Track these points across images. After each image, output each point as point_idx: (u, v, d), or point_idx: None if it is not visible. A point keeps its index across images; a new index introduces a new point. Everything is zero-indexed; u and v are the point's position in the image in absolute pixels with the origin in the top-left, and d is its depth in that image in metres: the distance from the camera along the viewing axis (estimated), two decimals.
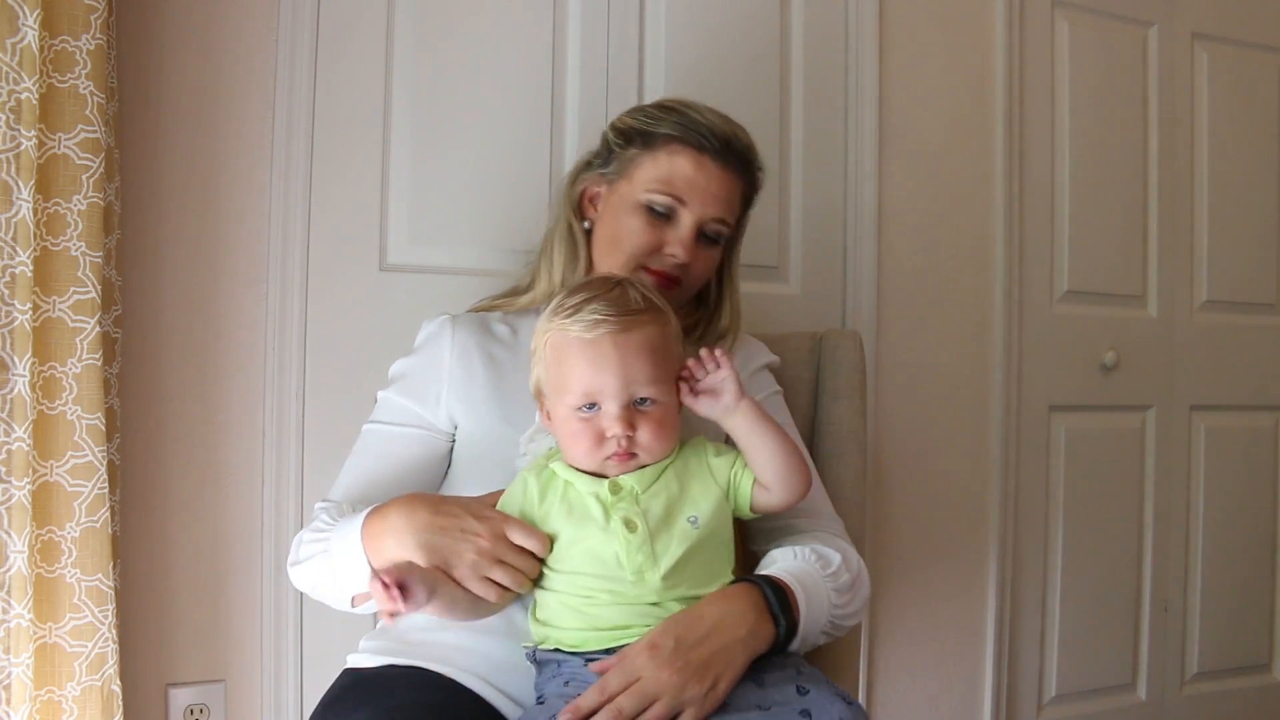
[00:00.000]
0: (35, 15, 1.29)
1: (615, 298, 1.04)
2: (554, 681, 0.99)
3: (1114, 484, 2.21)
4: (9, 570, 1.30)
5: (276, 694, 1.57)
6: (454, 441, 1.22)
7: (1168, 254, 2.26)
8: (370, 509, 1.06)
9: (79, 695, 1.33)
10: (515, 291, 1.35)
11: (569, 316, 1.03)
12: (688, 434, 1.10)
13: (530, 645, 1.04)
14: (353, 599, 1.10)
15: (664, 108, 1.26)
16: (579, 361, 1.02)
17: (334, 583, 1.09)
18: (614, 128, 1.28)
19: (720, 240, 1.25)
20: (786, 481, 1.04)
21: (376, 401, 1.26)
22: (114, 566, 1.36)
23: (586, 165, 1.31)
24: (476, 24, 1.68)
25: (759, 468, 1.05)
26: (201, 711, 1.53)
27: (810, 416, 1.42)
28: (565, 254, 1.29)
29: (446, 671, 1.06)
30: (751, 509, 1.06)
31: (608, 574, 1.00)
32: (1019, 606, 2.11)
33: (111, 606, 1.35)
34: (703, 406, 1.05)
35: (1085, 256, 2.17)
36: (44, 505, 1.32)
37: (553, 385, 1.05)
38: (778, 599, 1.01)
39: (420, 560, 0.99)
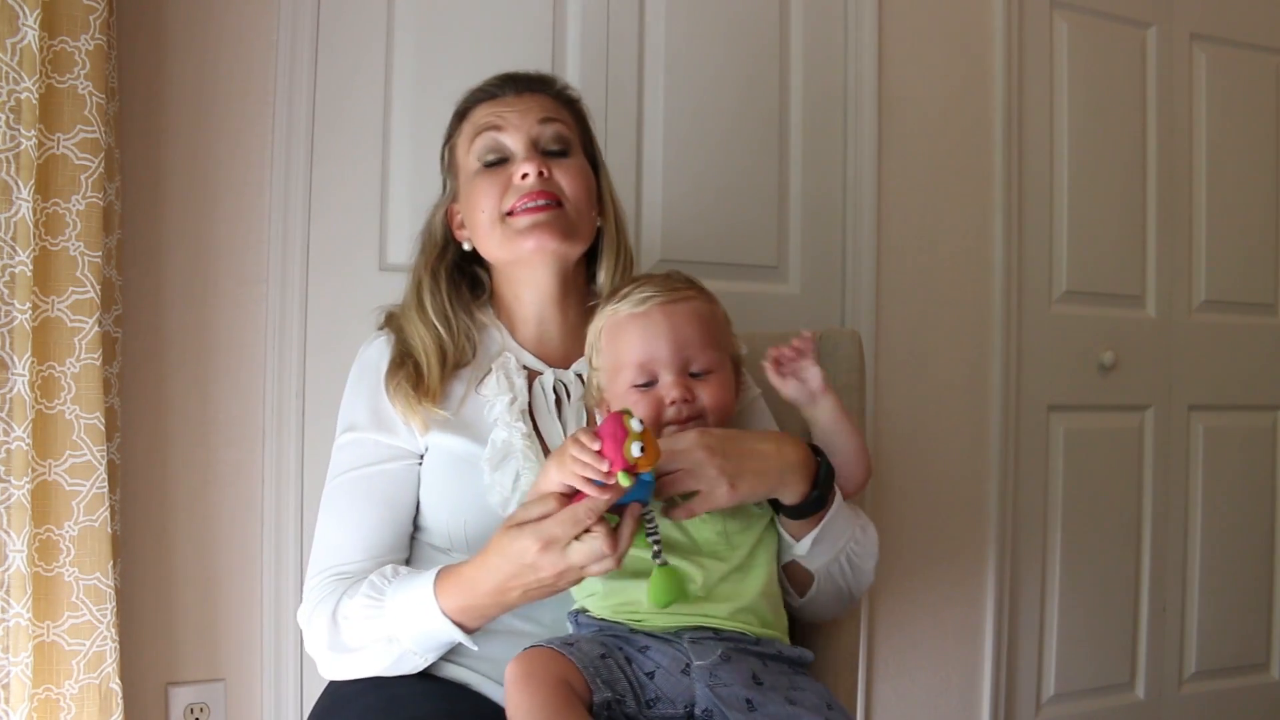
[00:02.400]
0: (35, 15, 1.29)
1: (661, 280, 1.09)
2: (588, 630, 1.01)
3: (1112, 484, 2.21)
4: (8, 569, 1.30)
5: (276, 694, 1.57)
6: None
7: (1166, 254, 2.26)
8: (432, 590, 1.00)
9: (77, 694, 1.33)
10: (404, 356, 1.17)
11: (620, 300, 1.07)
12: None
13: (576, 609, 1.04)
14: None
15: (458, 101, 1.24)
16: (631, 334, 1.05)
17: (409, 657, 1.03)
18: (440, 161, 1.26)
19: (568, 150, 1.17)
20: (850, 480, 1.09)
21: (338, 450, 1.15)
22: (113, 566, 1.36)
23: (437, 204, 1.25)
24: (476, 23, 1.68)
25: (832, 458, 1.07)
26: (201, 711, 1.53)
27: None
28: (430, 287, 1.19)
29: (442, 675, 1.06)
30: None
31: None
32: (1018, 606, 2.11)
33: (110, 605, 1.35)
34: (790, 387, 1.08)
35: (1084, 256, 2.17)
36: (42, 504, 1.32)
37: (610, 370, 1.06)
38: (825, 478, 1.04)
39: (526, 600, 0.97)
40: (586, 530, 0.91)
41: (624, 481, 0.89)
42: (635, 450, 0.88)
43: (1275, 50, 2.38)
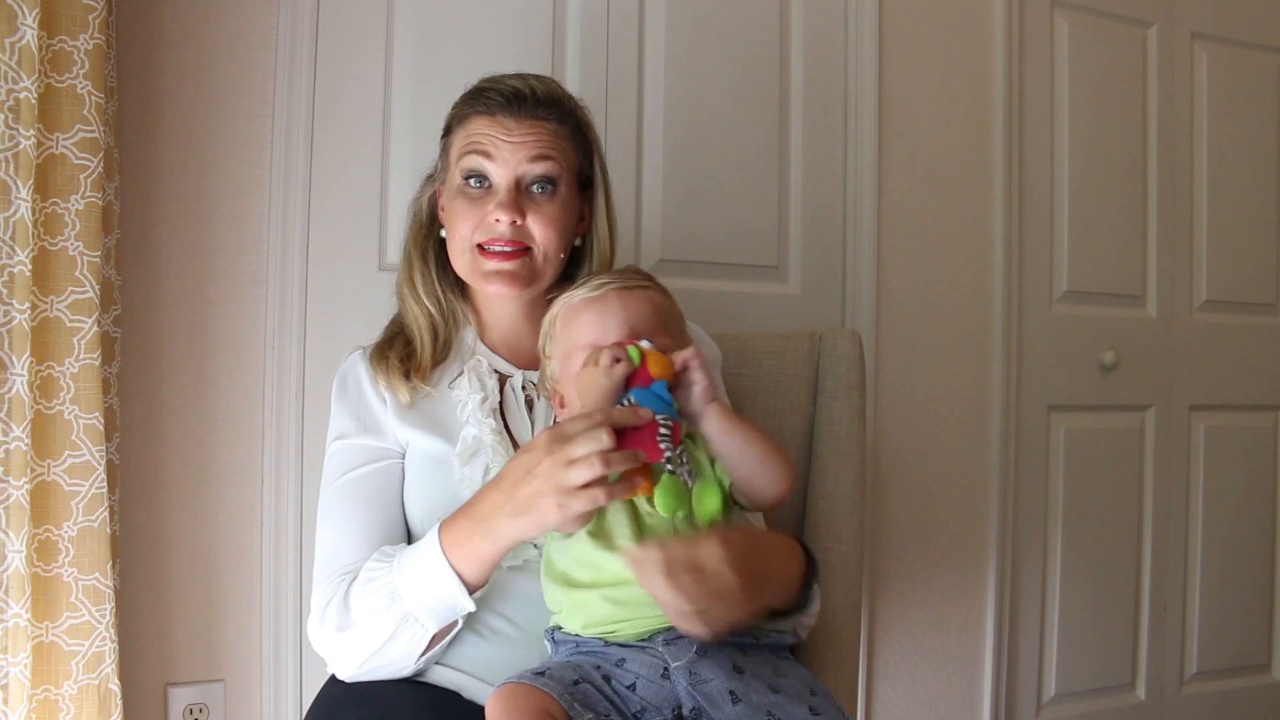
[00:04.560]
0: (34, 15, 1.28)
1: (618, 272, 1.11)
2: (564, 647, 1.00)
3: (1113, 484, 2.21)
4: (6, 569, 1.30)
5: (276, 694, 1.57)
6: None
7: (1167, 254, 2.26)
8: (437, 532, 1.01)
9: (76, 694, 1.33)
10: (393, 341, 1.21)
11: (576, 289, 1.08)
12: None
13: (552, 626, 1.03)
14: (433, 639, 1.03)
15: (467, 90, 1.19)
16: (585, 318, 1.05)
17: (409, 624, 1.01)
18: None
19: (555, 187, 1.15)
20: (756, 485, 1.02)
21: (328, 460, 1.17)
22: (112, 566, 1.36)
23: (429, 179, 1.26)
24: (476, 23, 1.68)
25: (730, 469, 1.02)
26: (201, 711, 1.53)
27: (809, 416, 1.42)
28: (420, 267, 1.22)
29: (433, 680, 1.06)
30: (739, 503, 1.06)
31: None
32: (1018, 606, 2.11)
33: (109, 606, 1.35)
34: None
35: (1084, 256, 2.17)
36: (41, 504, 1.32)
37: (563, 356, 1.06)
38: (809, 589, 1.03)
39: (519, 530, 0.96)
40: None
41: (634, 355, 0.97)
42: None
43: (1276, 50, 2.38)
